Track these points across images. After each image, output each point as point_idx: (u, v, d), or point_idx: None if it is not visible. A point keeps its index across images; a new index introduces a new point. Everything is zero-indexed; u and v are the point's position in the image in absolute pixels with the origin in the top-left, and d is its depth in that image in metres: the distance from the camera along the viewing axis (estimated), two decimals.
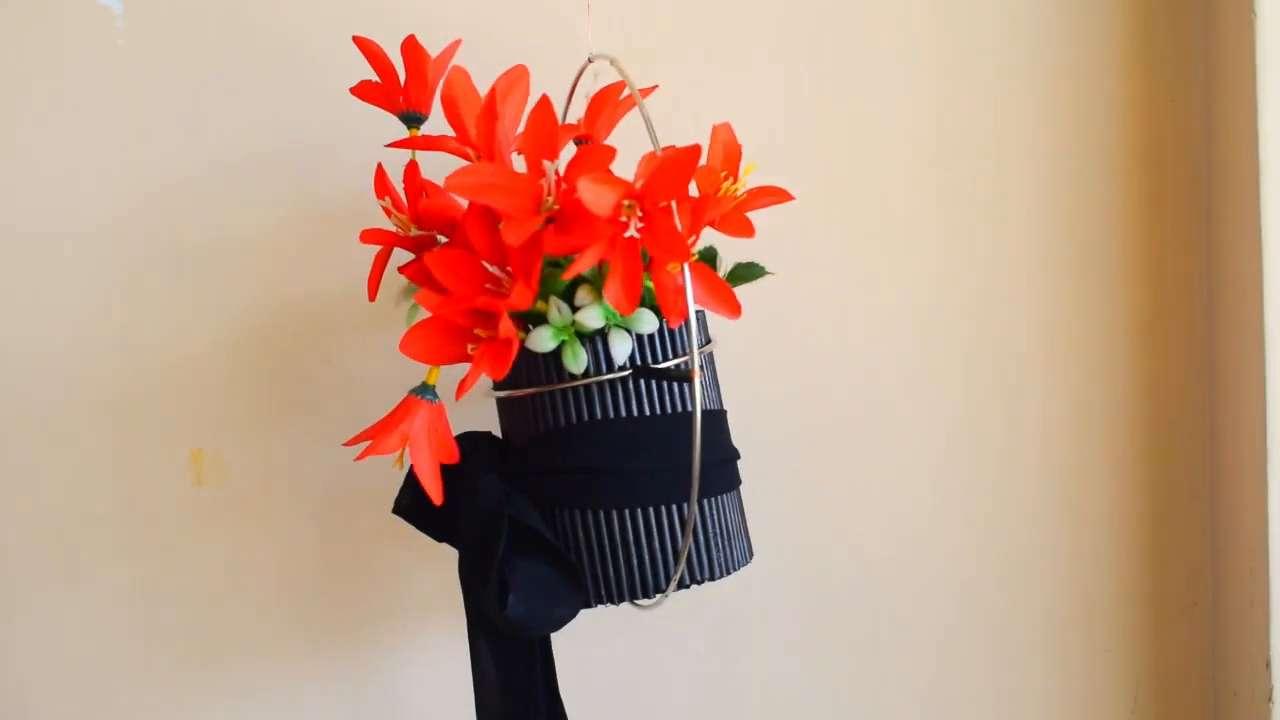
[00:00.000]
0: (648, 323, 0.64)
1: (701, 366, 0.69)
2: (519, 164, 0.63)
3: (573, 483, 0.66)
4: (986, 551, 0.94)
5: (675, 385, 0.66)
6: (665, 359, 0.66)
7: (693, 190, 0.64)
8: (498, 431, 0.73)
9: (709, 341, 0.71)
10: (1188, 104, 0.92)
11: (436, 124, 0.71)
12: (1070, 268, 0.93)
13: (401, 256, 0.69)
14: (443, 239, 0.68)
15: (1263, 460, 0.87)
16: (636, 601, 0.70)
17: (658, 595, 0.66)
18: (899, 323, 0.91)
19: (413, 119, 0.72)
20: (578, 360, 0.64)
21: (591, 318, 0.63)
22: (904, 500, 0.92)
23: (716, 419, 0.70)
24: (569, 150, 0.72)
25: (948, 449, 0.93)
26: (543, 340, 0.63)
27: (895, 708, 0.93)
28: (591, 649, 0.89)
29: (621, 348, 0.64)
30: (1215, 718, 0.95)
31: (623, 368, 0.65)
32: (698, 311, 0.68)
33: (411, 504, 0.70)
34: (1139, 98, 0.92)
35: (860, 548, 0.92)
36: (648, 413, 0.66)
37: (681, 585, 0.66)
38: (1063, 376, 0.93)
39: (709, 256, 0.70)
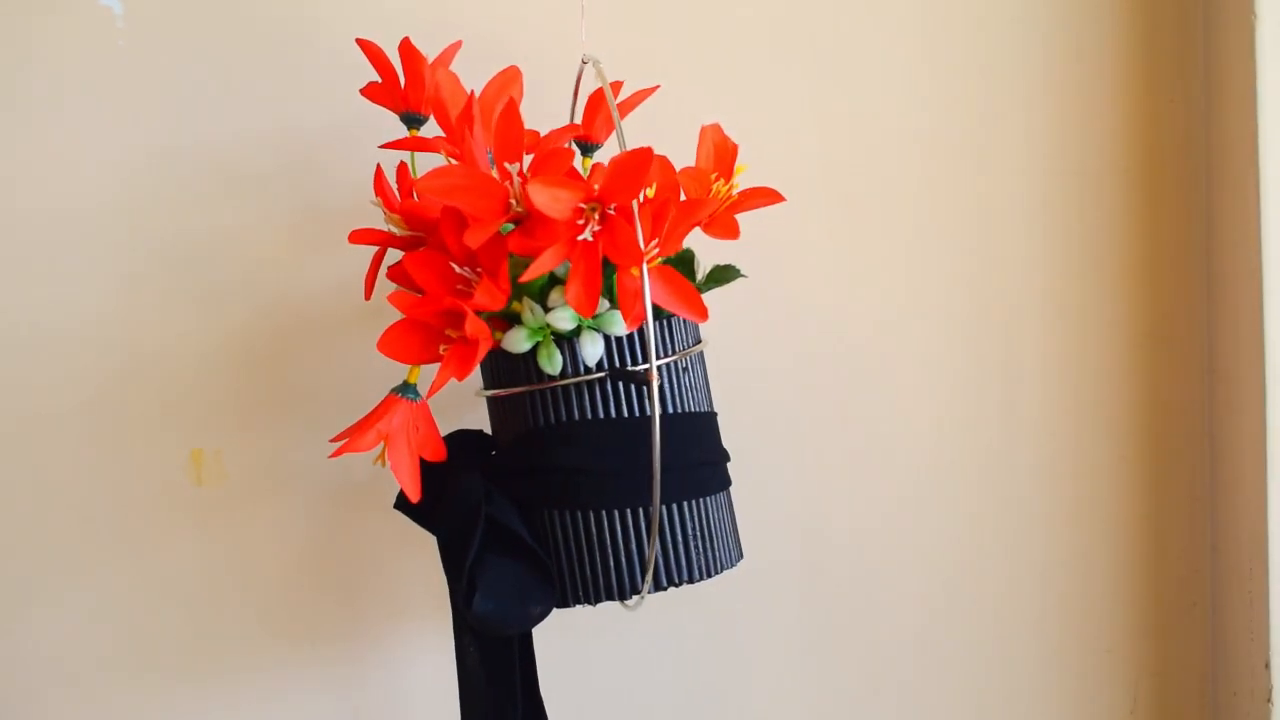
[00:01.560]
0: (619, 324, 0.64)
1: (685, 368, 0.69)
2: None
3: (549, 483, 0.66)
4: (985, 551, 0.93)
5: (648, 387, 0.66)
6: (645, 361, 0.66)
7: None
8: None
9: (699, 342, 0.71)
10: (1187, 104, 0.92)
11: None
12: (1069, 268, 0.92)
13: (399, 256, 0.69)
14: None
15: (1263, 460, 0.86)
16: (621, 602, 0.70)
17: (635, 597, 0.66)
18: (896, 323, 0.91)
19: (413, 120, 0.73)
20: (553, 361, 0.64)
21: (563, 319, 0.63)
22: (901, 500, 0.92)
23: (700, 421, 0.70)
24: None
25: (946, 449, 0.93)
26: (518, 341, 0.64)
27: (892, 707, 0.93)
28: (587, 647, 0.89)
29: (592, 349, 0.64)
30: (1215, 718, 0.95)
31: (600, 368, 0.65)
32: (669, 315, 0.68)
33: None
34: (1139, 98, 0.92)
35: (857, 547, 0.92)
36: (625, 414, 0.66)
37: (660, 587, 0.66)
38: (1062, 376, 0.93)
39: (684, 260, 0.69)
